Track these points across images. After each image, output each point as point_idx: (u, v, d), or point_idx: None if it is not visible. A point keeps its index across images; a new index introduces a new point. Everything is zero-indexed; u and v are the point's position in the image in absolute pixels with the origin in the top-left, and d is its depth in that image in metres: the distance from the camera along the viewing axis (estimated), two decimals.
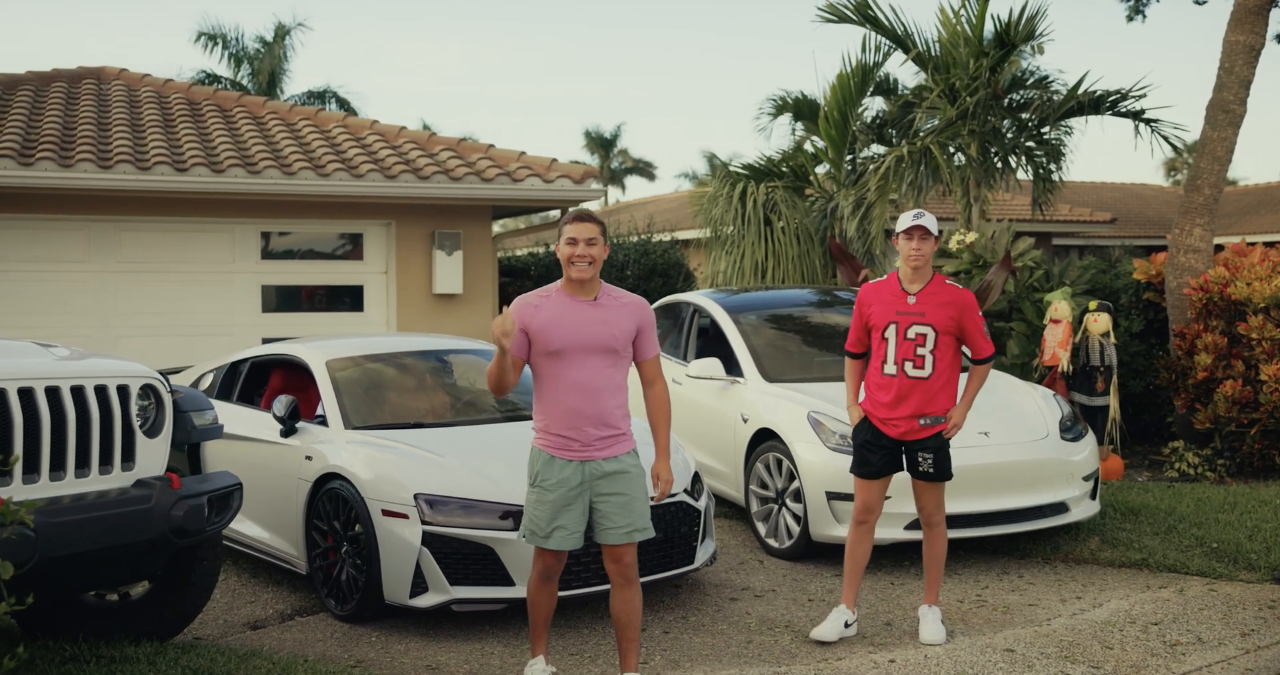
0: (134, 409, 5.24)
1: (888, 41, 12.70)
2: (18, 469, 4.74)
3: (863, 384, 6.02)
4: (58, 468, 4.90)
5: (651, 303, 9.93)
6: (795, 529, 7.46)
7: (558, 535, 4.90)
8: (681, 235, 19.78)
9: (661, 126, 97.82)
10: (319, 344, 7.56)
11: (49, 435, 4.84)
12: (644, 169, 51.99)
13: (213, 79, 30.14)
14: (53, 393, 4.90)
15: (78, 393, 4.99)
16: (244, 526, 7.13)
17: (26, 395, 4.80)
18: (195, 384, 8.03)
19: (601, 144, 51.00)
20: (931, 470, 5.83)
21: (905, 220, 5.82)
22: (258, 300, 12.77)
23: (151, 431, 5.36)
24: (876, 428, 5.88)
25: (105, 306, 12.22)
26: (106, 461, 5.10)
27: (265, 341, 11.01)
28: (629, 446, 5.04)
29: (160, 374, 5.50)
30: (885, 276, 6.06)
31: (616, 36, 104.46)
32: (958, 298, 5.84)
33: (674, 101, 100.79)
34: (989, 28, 12.44)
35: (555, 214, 14.51)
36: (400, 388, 7.27)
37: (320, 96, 30.77)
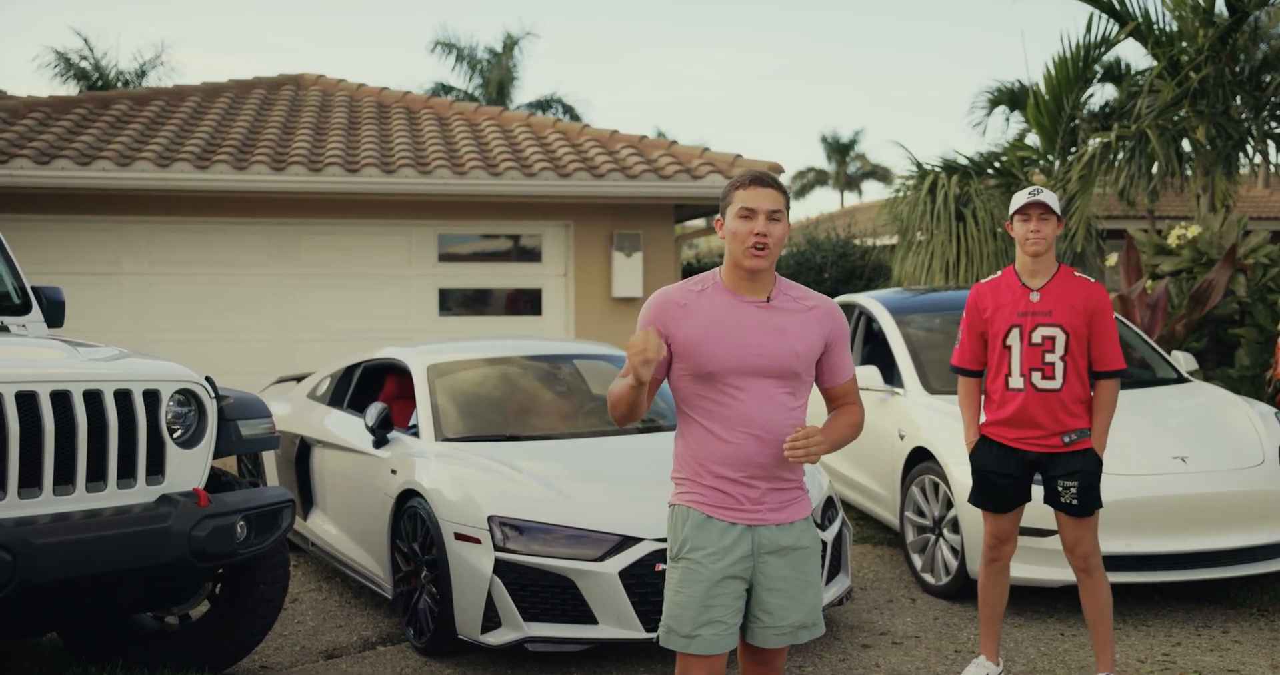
0: (165, 416, 4.77)
1: (1105, 15, 11.31)
2: (12, 482, 4.31)
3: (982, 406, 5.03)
4: (65, 480, 4.45)
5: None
6: (953, 564, 6.45)
7: (709, 633, 3.33)
8: (885, 241, 18.66)
9: (906, 131, 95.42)
10: (428, 347, 7.02)
11: (53, 444, 4.40)
12: (882, 174, 50.56)
13: (445, 90, 30.63)
14: (61, 398, 4.46)
15: (92, 398, 4.53)
16: (342, 545, 6.64)
17: (28, 400, 4.38)
18: (313, 390, 7.64)
19: (838, 149, 49.93)
20: (1075, 502, 4.77)
21: (1020, 198, 4.85)
22: (435, 303, 12.50)
23: (189, 441, 4.88)
24: (1006, 448, 4.88)
25: (285, 309, 12.15)
26: (127, 474, 4.63)
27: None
28: (807, 509, 3.50)
29: (207, 379, 5.03)
30: (999, 273, 5.07)
31: (862, 39, 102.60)
32: (1091, 293, 4.83)
33: (923, 105, 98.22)
34: None
35: None
36: (505, 396, 6.63)
37: (544, 105, 30.84)
